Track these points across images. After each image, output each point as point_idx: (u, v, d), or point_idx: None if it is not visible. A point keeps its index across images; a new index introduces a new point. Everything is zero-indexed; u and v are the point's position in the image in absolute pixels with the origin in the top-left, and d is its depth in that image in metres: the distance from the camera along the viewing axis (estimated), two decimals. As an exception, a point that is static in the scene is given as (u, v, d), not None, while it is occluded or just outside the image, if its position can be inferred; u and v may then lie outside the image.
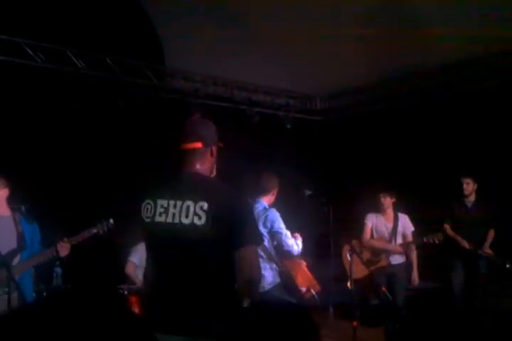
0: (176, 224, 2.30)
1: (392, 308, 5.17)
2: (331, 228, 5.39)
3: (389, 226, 5.75)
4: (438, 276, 6.28)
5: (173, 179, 2.47)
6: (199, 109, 6.92)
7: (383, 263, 5.65)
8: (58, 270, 4.80)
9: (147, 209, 2.38)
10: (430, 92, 6.96)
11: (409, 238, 5.71)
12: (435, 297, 6.21)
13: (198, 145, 2.42)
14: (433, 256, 6.21)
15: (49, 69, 5.81)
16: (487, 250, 5.78)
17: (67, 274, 4.88)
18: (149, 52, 6.40)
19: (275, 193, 4.42)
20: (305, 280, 4.38)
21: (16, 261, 3.90)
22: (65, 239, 4.00)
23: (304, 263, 4.53)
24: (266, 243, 4.11)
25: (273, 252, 4.23)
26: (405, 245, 5.66)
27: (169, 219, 2.32)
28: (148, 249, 2.49)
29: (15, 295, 3.73)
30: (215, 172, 2.57)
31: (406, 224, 5.74)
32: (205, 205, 2.25)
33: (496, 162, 6.40)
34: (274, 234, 4.19)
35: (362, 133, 7.91)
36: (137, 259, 5.25)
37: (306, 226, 4.89)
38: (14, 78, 5.44)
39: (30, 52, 5.69)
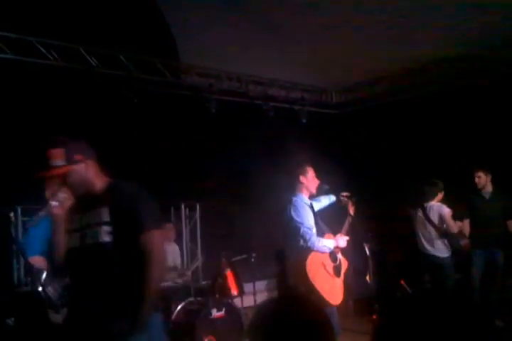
0: None
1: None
2: (350, 223, 5.33)
3: None
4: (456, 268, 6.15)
5: None
6: (214, 104, 6.87)
7: None
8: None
9: None
10: (445, 84, 6.86)
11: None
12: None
13: None
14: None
15: (62, 68, 5.78)
16: None
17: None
18: (163, 49, 6.35)
19: (308, 182, 4.35)
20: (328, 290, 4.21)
21: None
22: None
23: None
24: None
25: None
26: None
27: None
28: None
29: None
30: None
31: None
32: None
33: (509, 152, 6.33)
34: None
35: (378, 126, 7.84)
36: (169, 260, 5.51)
37: (325, 221, 4.81)
38: (27, 77, 5.41)
39: (43, 50, 5.64)
